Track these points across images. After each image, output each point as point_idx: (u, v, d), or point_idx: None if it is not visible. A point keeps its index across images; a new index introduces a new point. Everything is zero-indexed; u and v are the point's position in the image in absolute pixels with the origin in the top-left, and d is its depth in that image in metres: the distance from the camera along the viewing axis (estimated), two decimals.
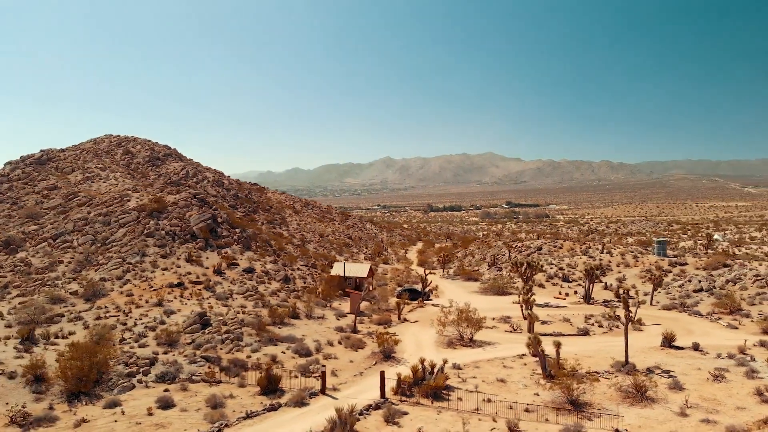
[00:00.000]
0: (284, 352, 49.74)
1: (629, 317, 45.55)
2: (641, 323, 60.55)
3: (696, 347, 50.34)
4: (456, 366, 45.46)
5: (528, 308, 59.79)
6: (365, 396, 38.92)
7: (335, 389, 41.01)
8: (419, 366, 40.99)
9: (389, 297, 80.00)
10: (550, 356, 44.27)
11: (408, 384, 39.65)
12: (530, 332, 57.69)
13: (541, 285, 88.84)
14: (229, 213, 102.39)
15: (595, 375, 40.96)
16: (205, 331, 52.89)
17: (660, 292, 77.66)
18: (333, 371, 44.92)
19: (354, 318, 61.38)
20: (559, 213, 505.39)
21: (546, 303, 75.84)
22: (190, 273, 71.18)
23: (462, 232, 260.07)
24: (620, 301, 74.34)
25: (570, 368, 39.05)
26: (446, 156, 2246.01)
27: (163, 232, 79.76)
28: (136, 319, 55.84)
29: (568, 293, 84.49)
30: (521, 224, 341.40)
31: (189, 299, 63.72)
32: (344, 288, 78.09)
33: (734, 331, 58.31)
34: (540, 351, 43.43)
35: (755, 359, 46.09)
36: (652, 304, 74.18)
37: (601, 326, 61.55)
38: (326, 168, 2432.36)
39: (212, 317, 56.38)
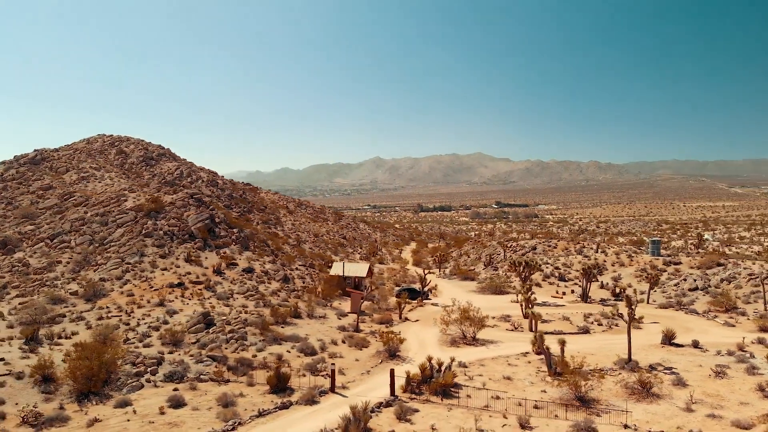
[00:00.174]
0: (289, 351, 49.93)
1: (632, 315, 46.24)
2: (640, 321, 61.26)
3: (696, 344, 51.18)
4: (462, 364, 45.90)
5: (529, 307, 60.35)
6: (374, 394, 39.20)
7: (344, 387, 41.30)
8: (427, 364, 41.40)
9: (388, 296, 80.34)
10: (555, 354, 44.86)
11: (417, 382, 40.02)
12: (531, 331, 58.37)
13: (538, 284, 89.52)
14: (226, 213, 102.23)
15: (603, 372, 41.57)
16: (209, 331, 52.94)
17: (656, 291, 78.68)
18: (340, 370, 45.16)
19: (356, 317, 61.68)
20: (548, 213, 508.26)
21: (544, 302, 76.49)
22: (190, 273, 71.09)
23: (453, 232, 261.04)
24: (617, 300, 75.60)
25: (578, 365, 39.59)
26: (436, 156, 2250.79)
27: (162, 232, 79.54)
28: (139, 319, 55.78)
29: (565, 292, 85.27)
30: (511, 224, 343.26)
31: (190, 299, 63.69)
32: (344, 288, 78.29)
33: (731, 329, 59.32)
34: (545, 349, 43.98)
35: (754, 356, 46.95)
36: (649, 303, 75.11)
37: (601, 324, 62.28)
38: (316, 168, 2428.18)
39: (215, 317, 56.46)
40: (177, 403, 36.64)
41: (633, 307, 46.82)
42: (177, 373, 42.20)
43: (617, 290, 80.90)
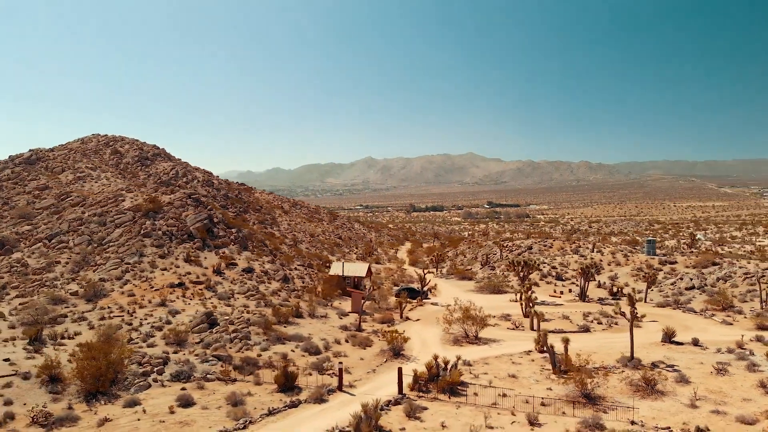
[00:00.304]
0: (293, 351, 50.09)
1: (634, 314, 46.81)
2: (641, 319, 61.92)
3: (696, 342, 51.85)
4: (466, 363, 46.25)
5: (530, 306, 60.84)
6: (381, 392, 39.42)
7: (351, 386, 41.53)
8: (433, 362, 41.73)
9: (387, 296, 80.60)
10: (558, 352, 45.30)
11: (424, 380, 40.33)
12: (533, 329, 58.92)
13: (536, 284, 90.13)
14: (224, 213, 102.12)
15: (607, 369, 42.07)
16: (213, 331, 53.00)
17: (653, 290, 79.48)
18: (345, 368, 45.25)
19: (358, 317, 61.92)
20: (540, 213, 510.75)
21: (542, 301, 77.02)
22: (190, 273, 71.01)
23: (447, 232, 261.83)
24: (615, 299, 76.31)
25: (584, 362, 40.06)
26: (427, 156, 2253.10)
27: (160, 233, 79.36)
28: (142, 319, 55.72)
29: (563, 291, 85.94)
30: (503, 224, 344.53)
31: (191, 299, 63.65)
32: (343, 287, 78.49)
33: (729, 327, 60.11)
34: (550, 347, 44.42)
35: (754, 353, 47.66)
36: (646, 302, 75.87)
37: (601, 323, 62.89)
38: (307, 168, 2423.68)
39: (218, 317, 56.51)
40: (186, 403, 36.73)
41: (635, 306, 47.29)
42: (183, 373, 42.26)
43: (614, 289, 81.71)
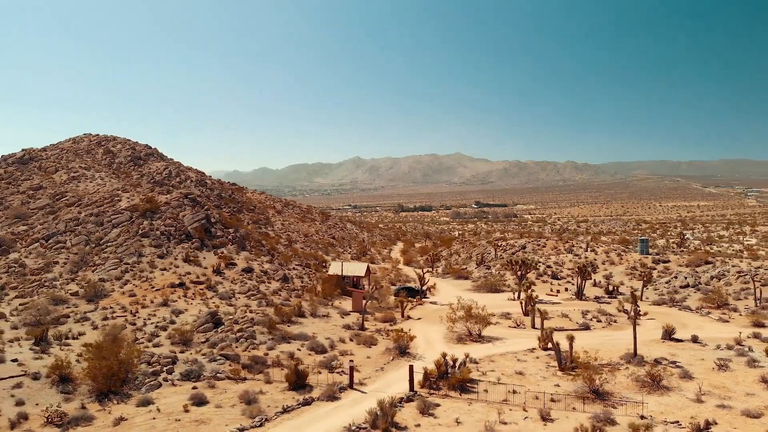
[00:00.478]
0: (299, 350, 50.34)
1: (637, 311, 47.67)
2: (641, 317, 62.98)
3: (695, 339, 52.86)
4: (473, 360, 46.70)
5: (532, 304, 61.62)
6: (392, 390, 39.79)
7: (361, 384, 41.91)
8: (442, 360, 42.19)
9: (387, 295, 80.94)
10: (563, 350, 45.98)
11: (434, 378, 40.81)
12: (534, 327, 59.68)
13: (532, 282, 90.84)
14: (221, 213, 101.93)
15: (616, 366, 42.85)
16: (218, 330, 53.15)
17: (648, 288, 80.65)
18: (354, 367, 45.65)
19: (361, 316, 62.27)
20: (527, 213, 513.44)
21: (540, 300, 77.75)
22: (190, 273, 70.96)
23: (437, 232, 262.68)
24: (612, 298, 77.44)
25: (592, 359, 40.77)
26: (415, 156, 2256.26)
27: (158, 233, 79.14)
28: (145, 319, 55.77)
29: (560, 290, 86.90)
30: (492, 224, 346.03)
31: (193, 299, 63.68)
32: (342, 287, 78.75)
33: (725, 325, 61.29)
34: (556, 344, 45.11)
35: (753, 350, 48.74)
36: (642, 300, 76.74)
37: (600, 321, 63.77)
38: (295, 168, 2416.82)
39: (222, 316, 56.62)
40: (200, 401, 36.92)
41: (638, 303, 48.18)
42: (193, 372, 42.37)
43: (610, 288, 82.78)
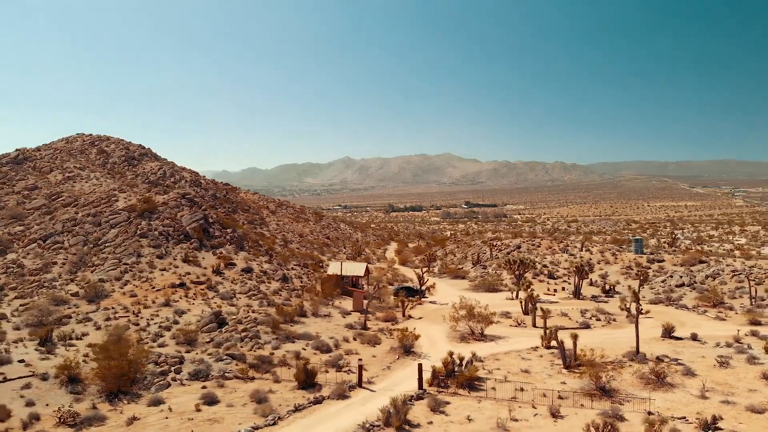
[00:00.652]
0: (304, 349, 50.56)
1: (639, 309, 48.38)
2: (644, 315, 63.67)
3: (694, 337, 53.67)
4: (478, 359, 47.14)
5: (532, 304, 62.24)
6: (400, 388, 40.16)
7: (369, 382, 42.24)
8: (449, 359, 42.62)
9: (386, 295, 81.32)
10: (567, 348, 46.55)
11: (443, 376, 41.21)
12: (535, 326, 60.30)
13: (530, 282, 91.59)
14: (217, 213, 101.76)
15: (618, 363, 43.46)
16: (222, 330, 53.24)
17: (644, 287, 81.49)
18: (362, 366, 45.98)
19: (364, 315, 62.57)
20: (517, 213, 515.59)
21: (539, 299, 78.45)
22: (190, 273, 70.82)
23: (429, 232, 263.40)
24: (609, 297, 78.28)
25: (598, 357, 41.35)
26: (405, 156, 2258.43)
27: (157, 233, 78.89)
28: (148, 320, 55.65)
29: (557, 289, 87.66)
30: (482, 224, 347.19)
31: (194, 299, 63.61)
32: (341, 287, 78.97)
33: (723, 323, 62.25)
34: (560, 343, 45.67)
35: (752, 347, 49.61)
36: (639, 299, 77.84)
37: (599, 320, 64.51)
38: (284, 168, 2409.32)
39: (226, 316, 56.67)
40: (211, 401, 37.08)
41: (639, 302, 48.86)
42: (201, 372, 42.48)
43: (607, 287, 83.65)
